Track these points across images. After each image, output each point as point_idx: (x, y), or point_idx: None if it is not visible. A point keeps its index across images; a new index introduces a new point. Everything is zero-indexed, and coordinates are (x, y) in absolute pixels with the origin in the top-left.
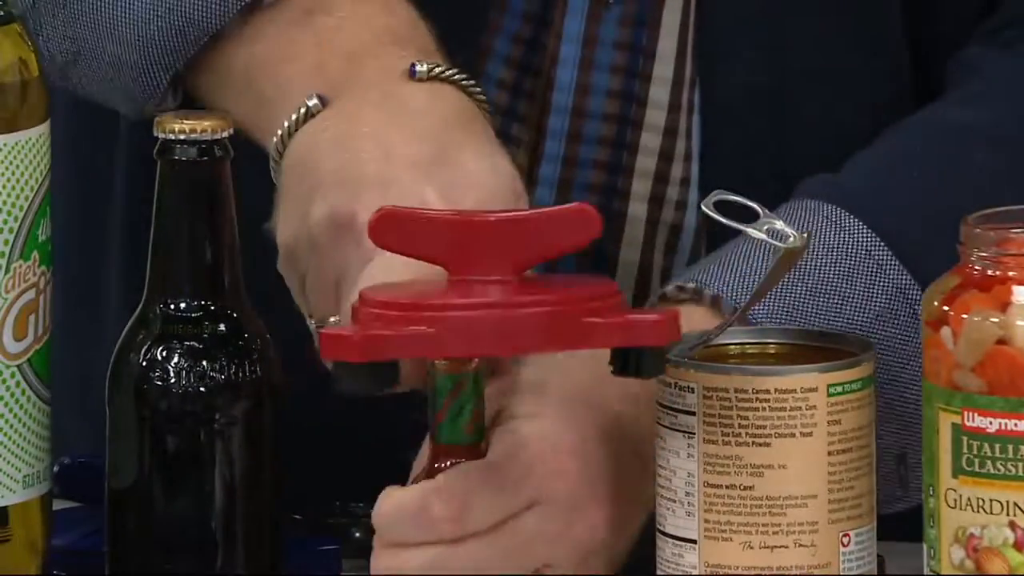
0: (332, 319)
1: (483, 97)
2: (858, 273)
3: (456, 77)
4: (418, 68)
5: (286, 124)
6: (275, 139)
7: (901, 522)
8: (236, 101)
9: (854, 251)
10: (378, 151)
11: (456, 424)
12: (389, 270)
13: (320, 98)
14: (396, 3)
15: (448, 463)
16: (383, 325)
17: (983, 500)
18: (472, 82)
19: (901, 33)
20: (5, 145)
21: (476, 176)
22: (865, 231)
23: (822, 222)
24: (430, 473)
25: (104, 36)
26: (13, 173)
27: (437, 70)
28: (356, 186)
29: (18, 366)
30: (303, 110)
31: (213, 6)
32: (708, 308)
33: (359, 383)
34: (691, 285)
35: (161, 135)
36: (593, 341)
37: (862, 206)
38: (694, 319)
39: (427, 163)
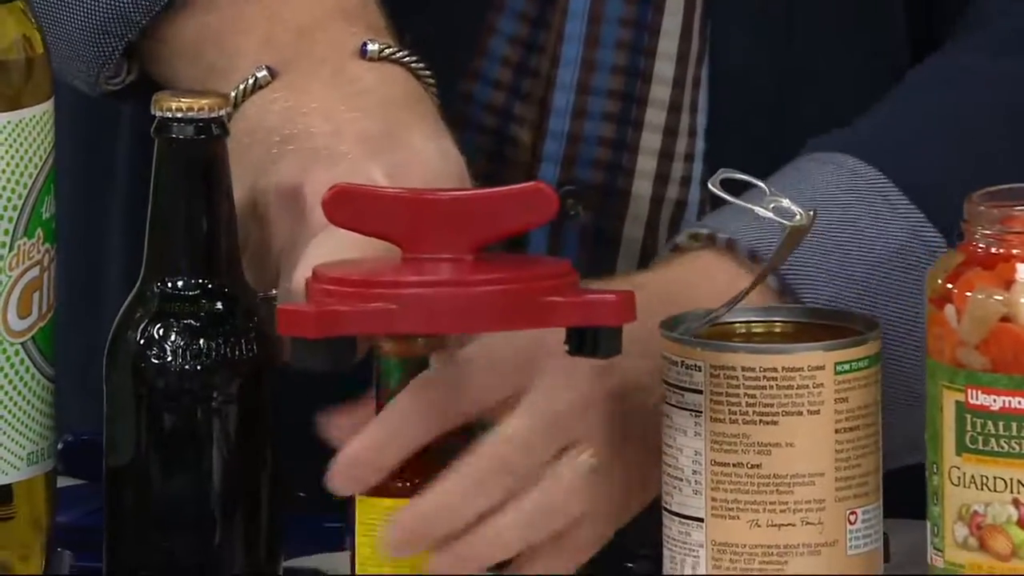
0: (273, 291)
1: (431, 80)
2: (870, 213)
3: (406, 59)
4: (369, 47)
5: (233, 94)
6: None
7: (905, 499)
8: (186, 71)
9: (865, 193)
10: (327, 126)
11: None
12: (335, 246)
13: (269, 70)
14: None
15: None
16: (339, 301)
17: (987, 478)
18: (422, 65)
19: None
20: (9, 123)
21: (423, 157)
22: (873, 173)
23: (830, 169)
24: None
25: (56, 5)
26: (17, 151)
27: (387, 51)
28: (304, 159)
29: (22, 343)
30: (252, 80)
31: None
32: (723, 253)
33: (316, 359)
34: (704, 231)
35: (158, 113)
36: (552, 320)
37: (868, 150)
38: (711, 266)
39: (376, 141)
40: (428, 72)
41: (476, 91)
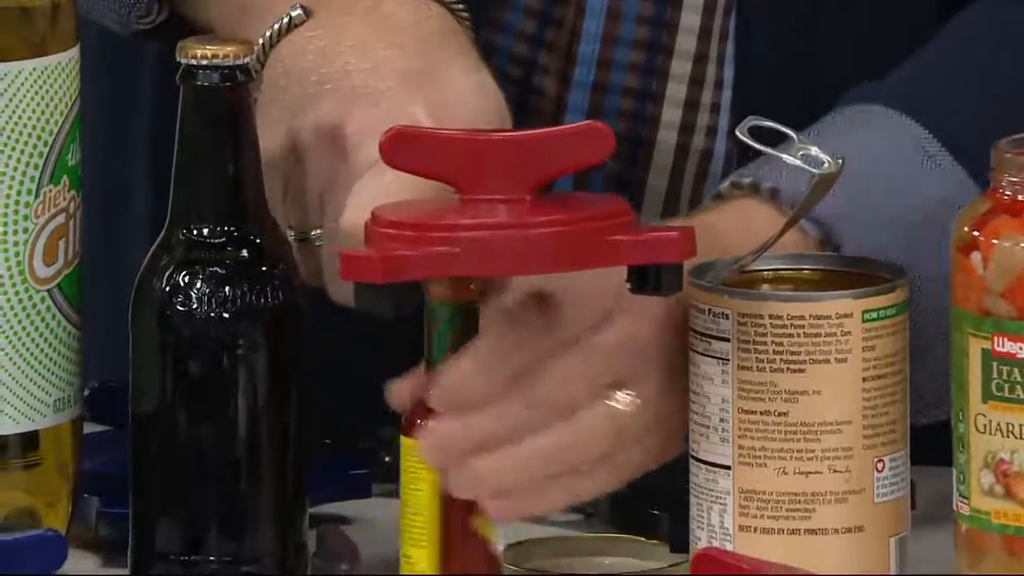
0: (314, 232)
1: (466, 15)
2: (911, 166)
3: None
4: None
5: (268, 34)
6: (256, 47)
7: (931, 447)
8: (217, 10)
9: (905, 146)
10: (365, 63)
11: (438, 352)
12: (383, 187)
13: (304, 9)
14: None
15: None
16: (403, 246)
17: (1012, 425)
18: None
19: None
20: (35, 70)
21: (463, 92)
22: (914, 126)
23: (870, 121)
24: (425, 405)
25: None
26: (43, 98)
27: None
28: (344, 98)
29: (48, 291)
30: (286, 20)
31: None
32: (766, 202)
33: (380, 304)
34: (747, 180)
35: (183, 60)
36: (616, 258)
37: (908, 103)
38: (752, 214)
39: (415, 77)
40: (462, 6)
41: (500, 41)
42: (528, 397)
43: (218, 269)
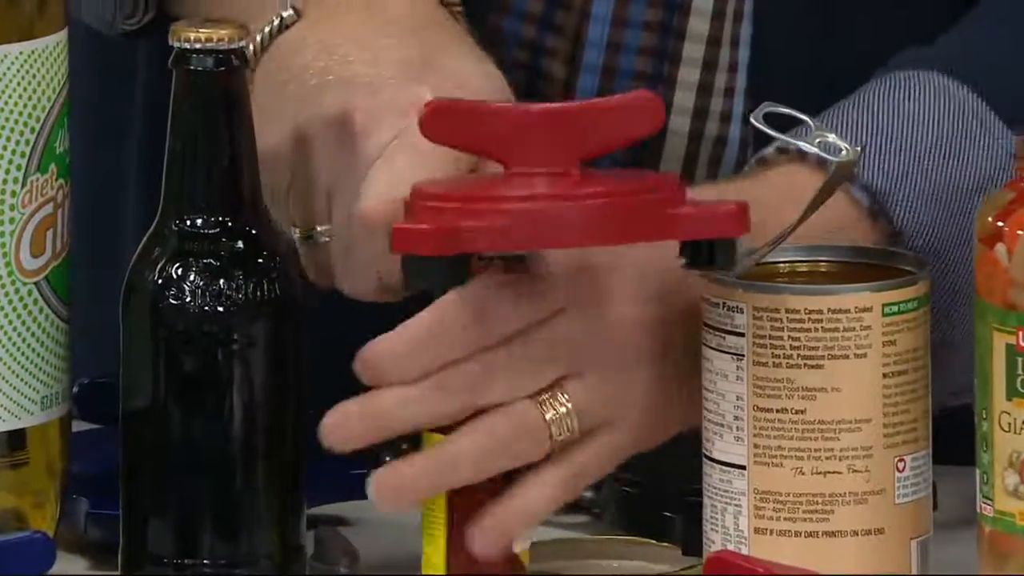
0: (320, 228)
1: (459, 6)
2: (966, 136)
3: None
4: None
5: (259, 37)
6: (249, 49)
7: (954, 446)
8: (207, 11)
9: (959, 115)
10: (365, 55)
11: None
12: (395, 174)
13: (295, 9)
14: None
15: None
16: (454, 218)
17: None
18: None
19: None
20: (22, 54)
21: (467, 78)
22: (968, 94)
23: (921, 87)
24: None
25: None
26: (29, 83)
27: None
28: (347, 87)
29: (35, 283)
30: (277, 21)
31: None
32: (814, 169)
33: (429, 279)
34: (794, 146)
35: (176, 44)
36: (673, 232)
37: (961, 70)
38: (798, 180)
39: (416, 65)
40: None
41: (506, 24)
42: (459, 385)
43: (212, 261)
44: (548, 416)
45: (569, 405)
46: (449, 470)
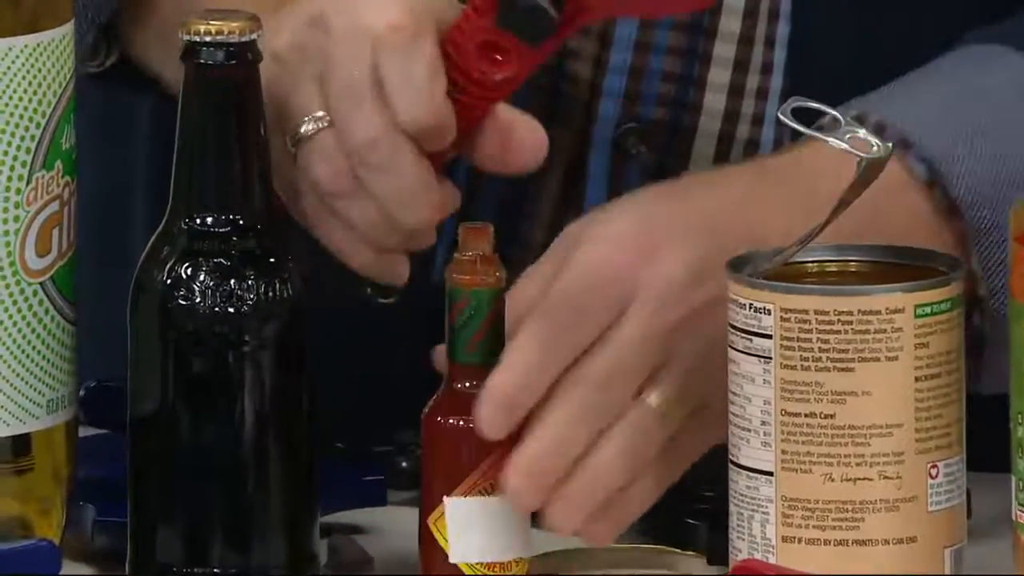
0: (309, 117)
1: None
2: None
3: None
4: None
5: None
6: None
7: (988, 452)
8: (158, 50)
9: None
10: None
11: (459, 340)
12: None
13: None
14: None
15: (462, 383)
16: None
17: None
18: None
19: None
20: (27, 47)
21: None
22: None
23: (994, 62)
24: (445, 391)
25: None
26: (35, 77)
27: None
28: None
29: (40, 283)
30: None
31: None
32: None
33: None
34: (853, 112)
35: (186, 37)
36: None
37: None
38: (856, 147)
39: None
40: None
41: None
42: (576, 400)
43: (223, 260)
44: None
45: (670, 393)
46: (599, 484)
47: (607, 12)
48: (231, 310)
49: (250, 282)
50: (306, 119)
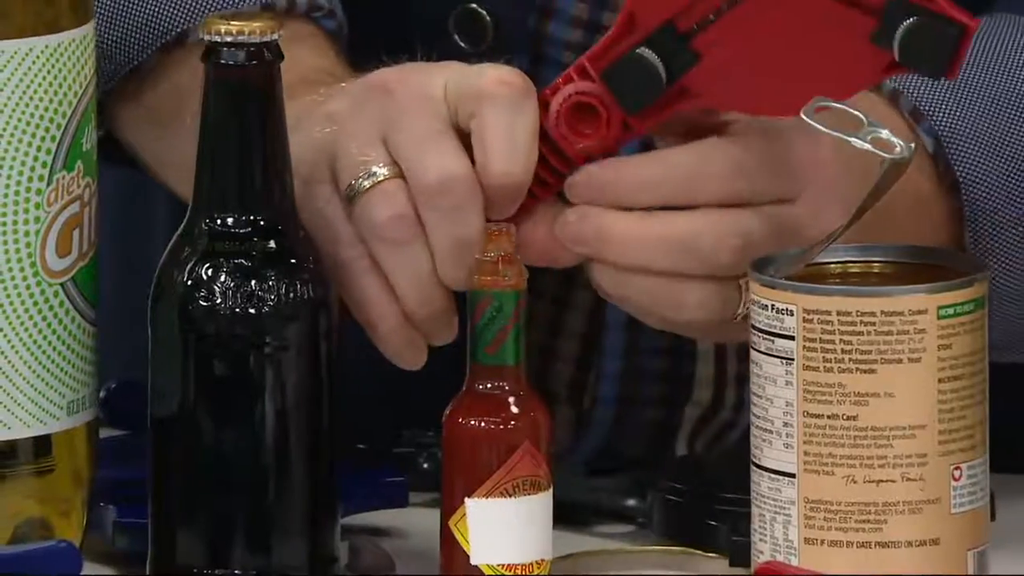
0: (374, 169)
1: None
2: None
3: None
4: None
5: None
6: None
7: (1012, 454)
8: (159, 134)
9: None
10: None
11: (480, 341)
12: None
13: None
14: (327, 46)
15: (483, 384)
16: None
17: None
18: None
19: None
20: (48, 47)
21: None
22: None
23: (1013, 32)
24: (466, 392)
25: None
26: (56, 77)
27: None
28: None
29: (61, 284)
30: None
31: (133, 40)
32: (884, 102)
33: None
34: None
35: (207, 37)
36: None
37: None
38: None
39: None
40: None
41: (552, 29)
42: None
43: (244, 261)
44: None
45: None
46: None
47: (712, 103)
48: (252, 311)
49: (271, 283)
50: (365, 173)
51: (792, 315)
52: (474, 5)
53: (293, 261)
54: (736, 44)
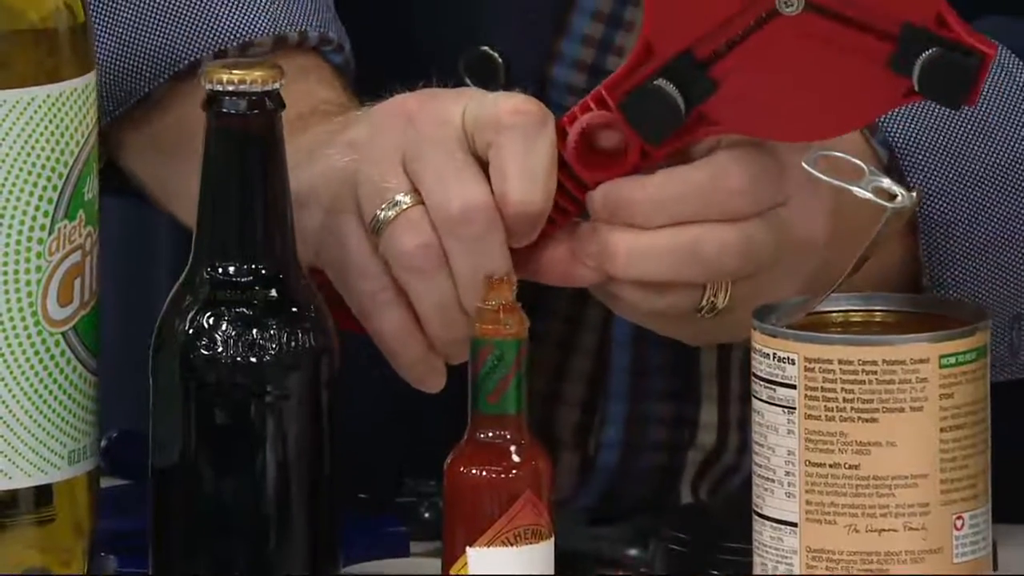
0: (398, 196)
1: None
2: (1005, 111)
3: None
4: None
5: None
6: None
7: (1015, 503)
8: (165, 162)
9: (1006, 92)
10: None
11: (482, 389)
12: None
13: None
14: (336, 80)
15: (485, 433)
16: None
17: None
18: None
19: None
20: (49, 96)
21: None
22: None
23: None
24: (468, 441)
25: None
26: (57, 126)
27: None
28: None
29: (63, 333)
30: None
31: (144, 69)
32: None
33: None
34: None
35: (208, 86)
36: None
37: None
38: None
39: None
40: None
41: (556, 73)
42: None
43: (245, 310)
44: None
45: None
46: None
47: (730, 130)
48: (253, 360)
49: (272, 332)
50: (390, 203)
51: (794, 364)
52: (486, 48)
53: (295, 310)
54: (753, 71)
